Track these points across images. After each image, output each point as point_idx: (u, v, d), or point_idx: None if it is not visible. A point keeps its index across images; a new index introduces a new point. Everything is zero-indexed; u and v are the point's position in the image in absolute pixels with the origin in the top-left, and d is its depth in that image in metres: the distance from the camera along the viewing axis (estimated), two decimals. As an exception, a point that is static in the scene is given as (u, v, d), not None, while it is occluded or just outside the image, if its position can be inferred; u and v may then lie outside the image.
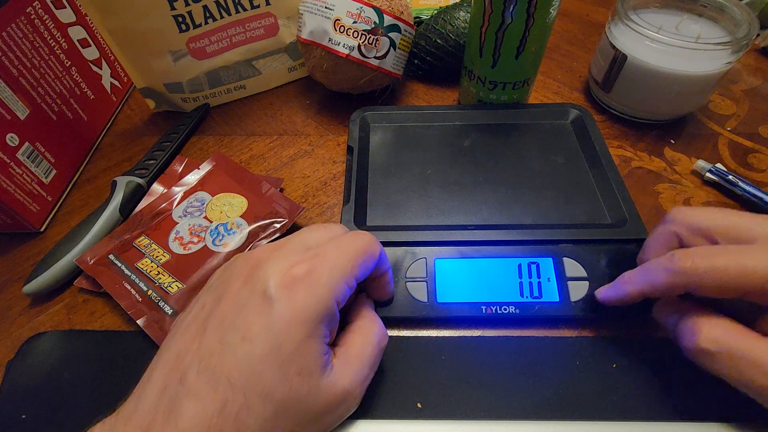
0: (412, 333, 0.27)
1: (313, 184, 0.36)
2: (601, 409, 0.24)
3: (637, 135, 0.39)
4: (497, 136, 0.36)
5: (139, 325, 0.27)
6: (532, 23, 0.32)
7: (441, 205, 0.32)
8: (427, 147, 0.36)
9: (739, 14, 0.35)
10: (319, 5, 0.36)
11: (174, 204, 0.33)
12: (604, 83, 0.39)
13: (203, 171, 0.35)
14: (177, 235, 0.31)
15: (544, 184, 0.32)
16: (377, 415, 0.24)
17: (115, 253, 0.30)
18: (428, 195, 0.32)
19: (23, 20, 0.33)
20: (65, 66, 0.37)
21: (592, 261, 0.28)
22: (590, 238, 0.28)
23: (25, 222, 0.32)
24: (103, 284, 0.28)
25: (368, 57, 0.37)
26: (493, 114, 0.38)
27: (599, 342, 0.26)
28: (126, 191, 0.34)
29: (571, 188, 0.32)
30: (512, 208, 0.31)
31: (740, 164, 0.36)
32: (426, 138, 0.36)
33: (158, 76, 0.40)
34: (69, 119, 0.37)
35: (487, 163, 0.34)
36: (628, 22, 0.35)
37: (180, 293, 0.28)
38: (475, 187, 0.33)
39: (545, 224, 0.30)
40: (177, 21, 0.37)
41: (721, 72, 0.35)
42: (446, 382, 0.25)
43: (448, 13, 0.42)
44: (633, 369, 0.25)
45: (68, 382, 0.26)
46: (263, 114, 0.43)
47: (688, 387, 0.25)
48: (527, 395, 0.24)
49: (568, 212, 0.31)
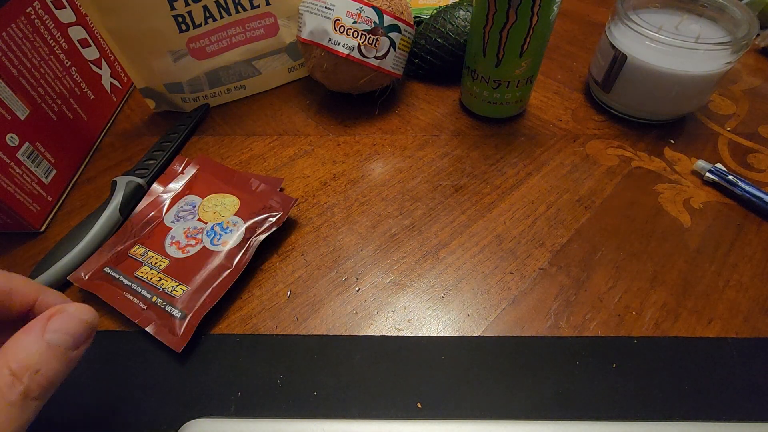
0: (412, 333, 0.27)
1: (313, 184, 0.36)
2: (601, 409, 0.24)
3: (637, 135, 0.39)
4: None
5: (139, 326, 0.27)
6: (537, 21, 0.32)
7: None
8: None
9: (739, 14, 0.35)
10: (319, 5, 0.36)
11: (163, 211, 0.33)
12: (604, 83, 0.39)
13: (188, 175, 0.35)
14: (173, 239, 0.31)
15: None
16: (377, 415, 0.24)
17: (110, 266, 0.29)
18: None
19: (23, 20, 0.33)
20: (65, 66, 0.37)
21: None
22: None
23: (25, 222, 0.32)
24: (103, 298, 0.28)
25: (368, 57, 0.37)
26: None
27: (599, 342, 0.26)
28: (126, 191, 0.34)
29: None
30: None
31: (740, 164, 0.36)
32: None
33: (158, 76, 0.40)
34: (69, 119, 0.37)
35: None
36: (628, 22, 0.35)
37: (186, 295, 0.28)
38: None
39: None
40: (177, 21, 0.37)
41: (721, 72, 0.35)
42: (446, 382, 0.25)
43: (448, 12, 0.42)
44: (633, 369, 0.25)
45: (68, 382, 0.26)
46: (263, 114, 0.43)
47: (688, 387, 0.25)
48: (527, 395, 0.24)
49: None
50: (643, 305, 0.28)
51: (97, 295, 0.28)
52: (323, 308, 0.29)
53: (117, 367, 0.26)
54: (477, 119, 0.41)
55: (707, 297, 0.28)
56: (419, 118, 0.42)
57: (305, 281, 0.30)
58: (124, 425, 0.24)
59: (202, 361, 0.26)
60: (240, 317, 0.28)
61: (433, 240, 0.32)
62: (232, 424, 0.23)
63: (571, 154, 0.38)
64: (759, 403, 0.24)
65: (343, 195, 0.35)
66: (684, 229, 0.32)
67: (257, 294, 0.29)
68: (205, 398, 0.25)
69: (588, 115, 0.41)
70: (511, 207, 0.34)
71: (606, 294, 0.29)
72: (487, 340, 0.27)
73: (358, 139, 0.40)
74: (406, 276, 0.30)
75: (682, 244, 0.31)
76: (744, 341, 0.26)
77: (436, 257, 0.31)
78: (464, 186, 0.35)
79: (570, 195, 0.35)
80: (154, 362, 0.26)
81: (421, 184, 0.36)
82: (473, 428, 0.23)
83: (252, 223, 0.31)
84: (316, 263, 0.31)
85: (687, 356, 0.26)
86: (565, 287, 0.29)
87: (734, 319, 0.27)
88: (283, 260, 0.31)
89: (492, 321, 0.28)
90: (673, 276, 0.30)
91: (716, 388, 0.25)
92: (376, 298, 0.29)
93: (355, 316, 0.28)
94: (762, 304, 0.28)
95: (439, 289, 0.29)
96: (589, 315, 0.28)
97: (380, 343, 0.27)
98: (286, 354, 0.27)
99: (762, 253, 0.31)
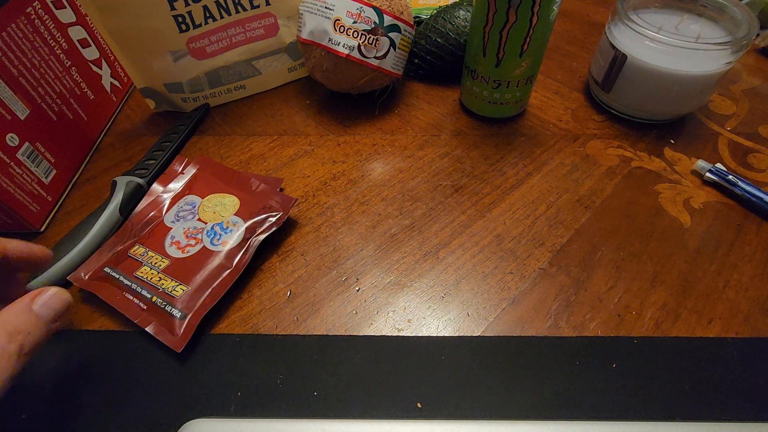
0: (412, 333, 0.27)
1: (313, 184, 0.36)
2: (601, 409, 0.24)
3: (637, 135, 0.39)
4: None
5: (138, 326, 0.27)
6: (537, 21, 0.32)
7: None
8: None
9: (739, 14, 0.35)
10: (319, 5, 0.36)
11: (163, 211, 0.33)
12: (604, 83, 0.39)
13: (188, 175, 0.35)
14: (173, 239, 0.31)
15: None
16: (377, 415, 0.24)
17: (110, 266, 0.29)
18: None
19: (23, 20, 0.33)
20: (65, 66, 0.37)
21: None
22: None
23: (25, 222, 0.32)
24: (103, 298, 0.28)
25: (368, 57, 0.37)
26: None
27: (599, 342, 0.26)
28: (126, 191, 0.34)
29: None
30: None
31: (740, 164, 0.36)
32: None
33: (158, 76, 0.40)
34: (69, 119, 0.37)
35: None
36: (628, 22, 0.35)
37: (186, 295, 0.28)
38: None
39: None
40: (177, 21, 0.37)
41: (721, 72, 0.35)
42: (446, 382, 0.25)
43: (448, 12, 0.42)
44: (633, 369, 0.25)
45: (69, 382, 0.26)
46: (263, 114, 0.43)
47: (688, 387, 0.25)
48: (527, 395, 0.24)
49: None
50: (643, 305, 0.28)
51: (97, 294, 0.28)
52: (323, 308, 0.29)
53: (117, 367, 0.26)
54: (477, 119, 0.41)
55: (707, 297, 0.28)
56: (419, 118, 0.42)
57: (305, 281, 0.30)
58: (124, 425, 0.24)
59: (203, 361, 0.26)
60: (240, 317, 0.28)
61: (433, 240, 0.32)
62: (232, 424, 0.23)
63: (571, 154, 0.38)
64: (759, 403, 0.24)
65: (343, 195, 0.35)
66: (684, 229, 0.32)
67: (257, 294, 0.29)
68: (205, 398, 0.25)
69: (588, 115, 0.41)
70: (511, 207, 0.34)
71: (606, 294, 0.29)
72: (487, 340, 0.27)
73: (358, 139, 0.40)
74: (406, 276, 0.30)
75: (682, 244, 0.31)
76: (744, 341, 0.26)
77: (436, 257, 0.31)
78: (464, 186, 0.35)
79: (570, 195, 0.35)
80: (154, 362, 0.26)
81: (421, 184, 0.36)
82: (473, 428, 0.23)
83: (252, 223, 0.31)
84: (316, 263, 0.31)
85: (687, 356, 0.26)
86: (565, 287, 0.29)
87: (734, 319, 0.27)
88: (283, 260, 0.31)
89: (492, 321, 0.28)
90: (673, 276, 0.30)
91: (716, 388, 0.25)
92: (376, 298, 0.29)
93: (355, 316, 0.28)
94: (762, 304, 0.28)
95: (439, 289, 0.29)
96: (589, 315, 0.28)
97: (380, 343, 0.27)
98: (286, 354, 0.27)
99: (762, 253, 0.31)
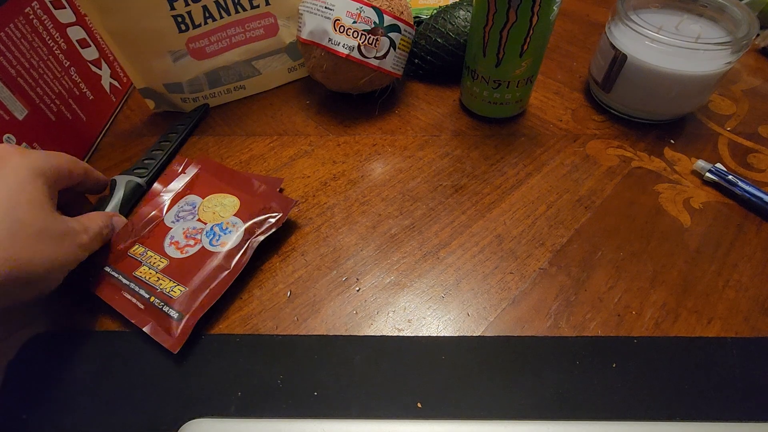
0: (412, 333, 0.27)
1: (313, 184, 0.36)
2: (601, 409, 0.24)
3: (637, 135, 0.39)
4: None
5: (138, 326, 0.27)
6: (537, 21, 0.32)
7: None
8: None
9: (739, 14, 0.35)
10: (319, 5, 0.36)
11: (164, 210, 0.33)
12: (604, 83, 0.39)
13: (189, 175, 0.35)
14: (172, 239, 0.31)
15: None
16: (377, 415, 0.24)
17: (110, 265, 0.29)
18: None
19: (22, 20, 0.33)
20: (64, 66, 0.37)
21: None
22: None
23: (24, 222, 0.32)
24: (102, 296, 0.28)
25: (368, 57, 0.36)
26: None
27: (599, 342, 0.26)
28: (125, 190, 0.34)
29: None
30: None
31: (740, 164, 0.36)
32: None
33: (158, 76, 0.40)
34: (68, 120, 0.37)
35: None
36: (628, 22, 0.35)
37: (183, 296, 0.28)
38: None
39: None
40: (177, 21, 0.37)
41: (721, 72, 0.35)
42: (446, 382, 0.25)
43: (448, 12, 0.42)
44: (633, 369, 0.25)
45: (68, 382, 0.26)
46: (263, 114, 0.43)
47: (688, 387, 0.25)
48: (527, 395, 0.24)
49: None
50: (643, 305, 0.28)
51: (96, 294, 0.28)
52: (323, 308, 0.29)
53: (117, 367, 0.26)
54: (477, 119, 0.41)
55: (707, 297, 0.28)
56: (419, 118, 0.42)
57: (305, 281, 0.30)
58: (123, 425, 0.24)
59: (203, 361, 0.26)
60: (240, 317, 0.28)
61: (434, 240, 0.32)
62: (232, 424, 0.23)
63: (571, 154, 0.38)
64: (759, 403, 0.24)
65: (343, 195, 0.35)
66: (684, 229, 0.32)
67: (257, 294, 0.29)
68: (205, 398, 0.25)
69: (588, 115, 0.41)
70: (511, 207, 0.34)
71: (606, 294, 0.29)
72: (487, 340, 0.27)
73: (358, 139, 0.40)
74: (406, 276, 0.30)
75: (682, 244, 0.31)
76: (744, 341, 0.26)
77: (436, 257, 0.31)
78: (464, 186, 0.35)
79: (570, 195, 0.35)
80: (154, 362, 0.26)
81: (421, 184, 0.36)
82: (473, 428, 0.23)
83: (251, 224, 0.31)
84: (316, 263, 0.31)
85: (687, 356, 0.26)
86: (565, 287, 0.29)
87: (734, 319, 0.27)
88: (283, 260, 0.31)
89: (492, 321, 0.28)
90: (673, 276, 0.30)
91: (716, 388, 0.25)
92: (376, 298, 0.29)
93: (356, 316, 0.28)
94: (762, 304, 0.28)
95: (439, 289, 0.29)
96: (589, 315, 0.28)
97: (380, 343, 0.27)
98: (286, 354, 0.27)
99: (762, 253, 0.31)
